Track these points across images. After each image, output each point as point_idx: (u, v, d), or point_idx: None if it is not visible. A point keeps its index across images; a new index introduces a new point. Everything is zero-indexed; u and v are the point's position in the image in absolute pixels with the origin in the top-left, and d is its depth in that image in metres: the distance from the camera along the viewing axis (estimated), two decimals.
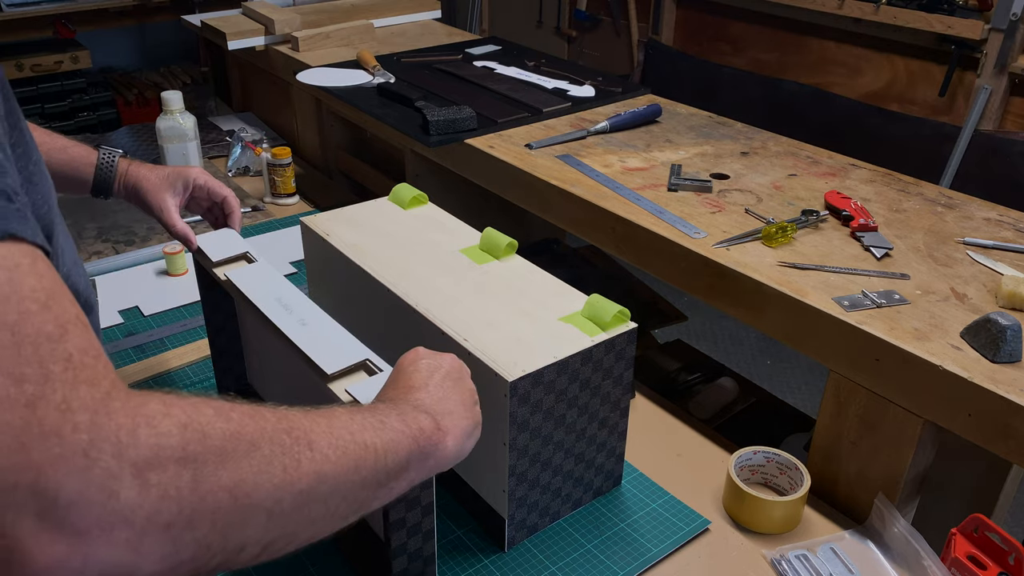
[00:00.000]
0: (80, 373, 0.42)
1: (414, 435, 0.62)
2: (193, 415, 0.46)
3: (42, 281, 0.43)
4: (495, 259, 1.06)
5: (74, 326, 0.43)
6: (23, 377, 0.40)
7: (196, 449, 0.44)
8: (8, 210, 0.44)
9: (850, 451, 1.00)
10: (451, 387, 0.71)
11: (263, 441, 0.49)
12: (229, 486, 0.45)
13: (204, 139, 1.96)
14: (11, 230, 0.43)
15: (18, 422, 0.39)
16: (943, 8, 2.67)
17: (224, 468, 0.45)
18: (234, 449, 0.46)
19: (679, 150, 1.41)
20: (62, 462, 0.39)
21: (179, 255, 1.47)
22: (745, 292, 1.05)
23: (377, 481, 0.58)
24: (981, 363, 0.88)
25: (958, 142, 2.66)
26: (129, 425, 0.42)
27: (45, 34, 3.19)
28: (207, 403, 0.48)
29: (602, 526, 0.97)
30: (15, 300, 0.41)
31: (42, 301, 0.43)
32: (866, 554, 0.95)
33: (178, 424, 0.44)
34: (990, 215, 1.19)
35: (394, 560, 0.80)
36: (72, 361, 0.42)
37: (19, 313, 0.41)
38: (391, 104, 1.61)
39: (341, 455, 0.54)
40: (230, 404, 0.49)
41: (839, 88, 3.11)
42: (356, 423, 0.57)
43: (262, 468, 0.48)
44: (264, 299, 0.92)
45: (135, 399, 0.44)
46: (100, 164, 1.06)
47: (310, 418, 0.54)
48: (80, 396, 0.41)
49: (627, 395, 0.97)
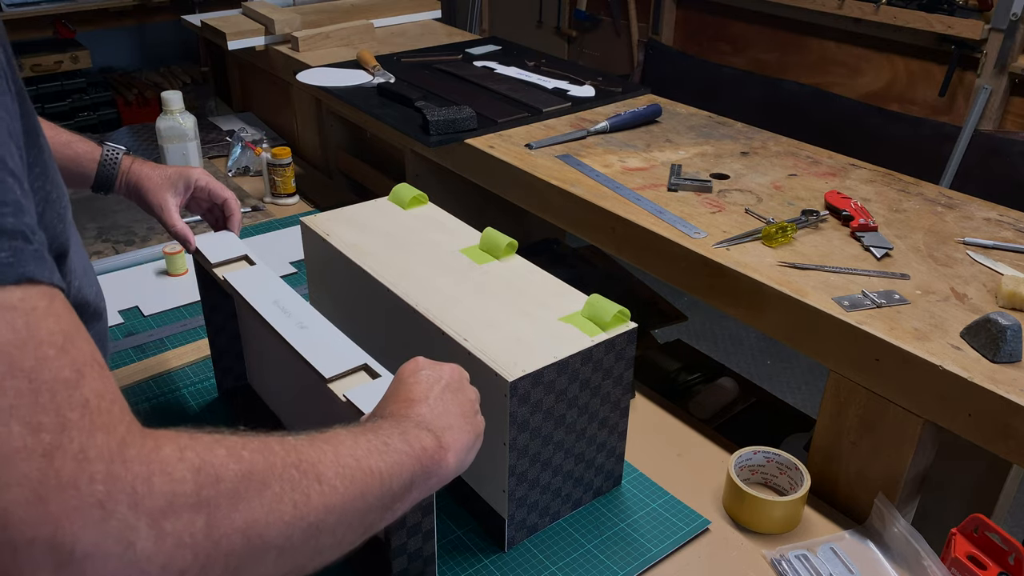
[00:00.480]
0: (97, 419, 0.42)
1: (417, 455, 0.62)
2: (207, 457, 0.46)
3: (59, 323, 0.44)
4: (495, 259, 1.06)
5: (91, 368, 0.44)
6: (40, 426, 0.40)
7: (209, 493, 0.45)
8: (26, 252, 0.44)
9: (850, 451, 1.00)
10: (451, 399, 0.71)
11: (273, 479, 0.49)
12: (242, 528, 0.46)
13: (204, 139, 1.96)
14: (28, 273, 0.43)
15: (36, 474, 0.39)
16: (943, 8, 2.67)
17: (237, 510, 0.46)
18: (246, 490, 0.47)
19: (679, 150, 1.41)
20: (79, 514, 0.39)
21: (179, 255, 1.47)
22: (745, 292, 1.05)
23: (383, 505, 0.58)
24: (981, 363, 0.88)
25: (958, 142, 2.66)
26: (144, 473, 0.42)
27: (45, 34, 3.19)
28: (220, 443, 0.48)
29: (602, 526, 0.97)
30: (32, 345, 0.42)
31: (59, 345, 0.43)
32: (866, 554, 0.95)
33: (192, 468, 0.44)
34: (990, 215, 1.19)
35: (394, 560, 0.80)
36: (89, 407, 0.42)
37: (36, 359, 0.41)
38: (391, 104, 1.61)
39: (348, 484, 0.54)
40: (242, 441, 0.49)
41: (839, 88, 3.11)
42: (361, 448, 0.58)
43: (273, 507, 0.48)
44: (263, 302, 0.93)
45: (149, 443, 0.44)
46: (103, 160, 1.07)
47: (316, 447, 0.54)
48: (97, 445, 0.41)
49: (627, 395, 0.97)
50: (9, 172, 0.46)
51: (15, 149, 0.49)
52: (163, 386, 1.19)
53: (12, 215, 0.45)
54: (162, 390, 1.19)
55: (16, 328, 0.41)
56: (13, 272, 0.43)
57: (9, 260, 0.43)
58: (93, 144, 1.08)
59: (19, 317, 0.42)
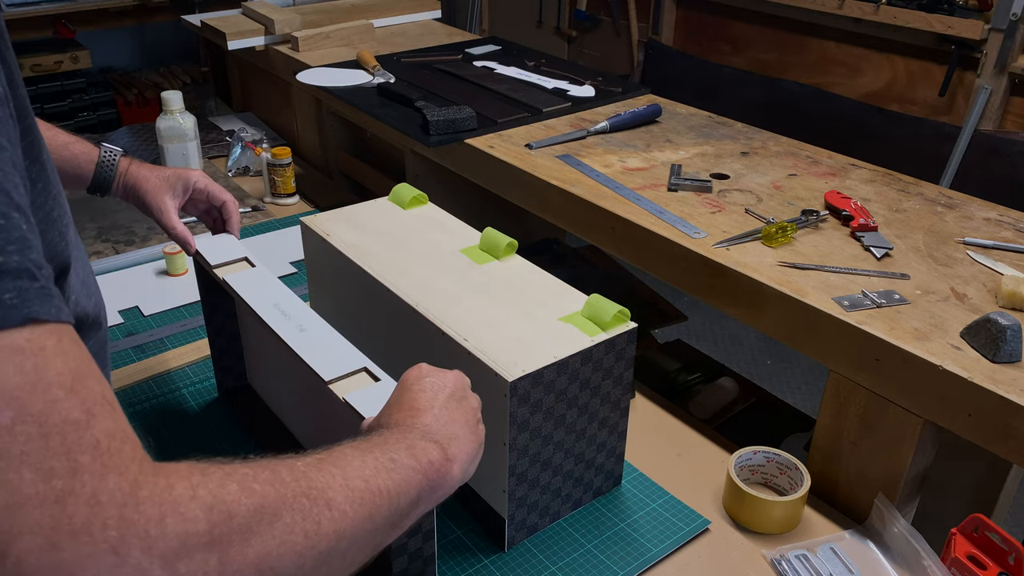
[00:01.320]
0: (108, 461, 0.42)
1: (424, 470, 0.62)
2: (219, 495, 0.45)
3: (67, 362, 0.43)
4: (495, 259, 1.06)
5: (101, 408, 0.43)
6: (52, 472, 0.39)
7: (222, 531, 0.44)
8: (31, 291, 0.43)
9: (850, 451, 1.00)
10: (456, 408, 0.71)
11: (284, 510, 0.49)
12: (255, 562, 0.46)
13: (204, 139, 1.96)
14: (33, 314, 0.43)
15: (48, 521, 0.39)
16: (943, 8, 2.67)
17: (249, 545, 0.46)
18: (258, 524, 0.47)
19: (679, 150, 1.41)
20: (91, 561, 0.39)
21: (179, 255, 1.47)
22: (745, 292, 1.05)
23: (391, 524, 0.58)
24: (981, 363, 0.88)
25: (958, 142, 2.66)
26: (157, 516, 0.42)
27: (45, 34, 3.19)
28: (231, 477, 0.47)
29: (602, 526, 0.97)
30: (41, 388, 0.41)
31: (68, 386, 0.42)
32: (866, 554, 0.95)
33: (204, 507, 0.44)
34: (990, 215, 1.19)
35: (394, 560, 0.80)
36: (100, 448, 0.42)
37: (46, 402, 0.41)
38: (391, 104, 1.61)
39: (358, 508, 0.54)
40: (252, 473, 0.49)
41: (839, 88, 3.11)
42: (369, 467, 0.57)
43: (285, 538, 0.48)
44: (263, 304, 0.93)
45: (162, 483, 0.43)
46: (101, 162, 1.06)
47: (325, 471, 0.54)
48: (109, 488, 0.41)
49: (627, 395, 0.97)
50: (14, 207, 0.45)
51: (19, 180, 0.48)
52: (163, 386, 1.19)
53: (17, 252, 0.44)
54: (162, 390, 1.19)
55: (25, 371, 0.41)
56: (18, 314, 0.42)
57: (14, 302, 0.42)
58: (90, 145, 1.07)
59: (27, 359, 0.41)
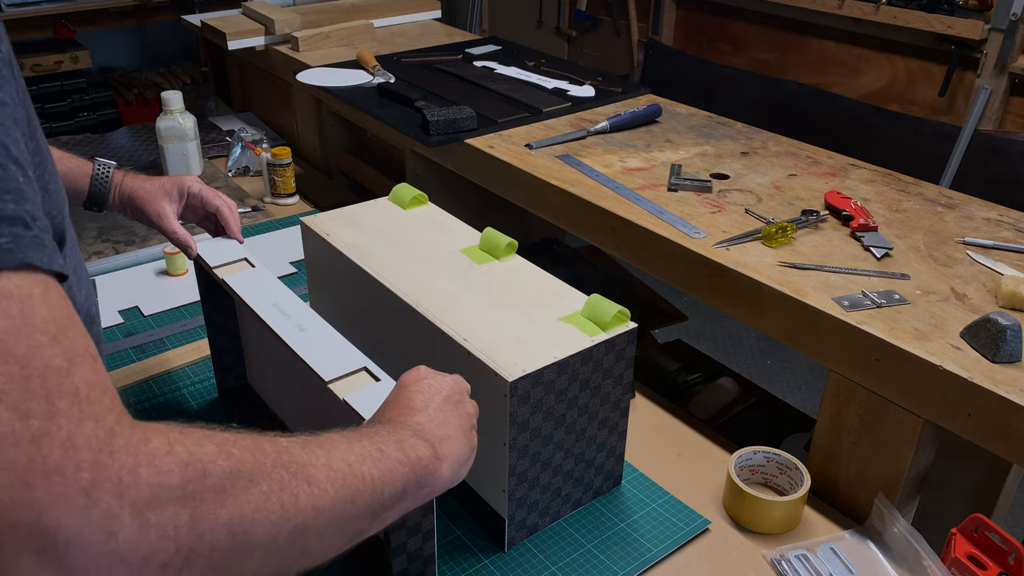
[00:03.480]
0: (86, 408, 0.42)
1: (412, 464, 0.62)
2: (195, 452, 0.46)
3: (53, 312, 0.44)
4: (495, 259, 1.06)
5: (82, 359, 0.44)
6: (29, 412, 0.40)
7: (196, 488, 0.45)
8: (25, 238, 0.44)
9: (850, 451, 1.00)
10: (451, 411, 0.71)
11: (262, 477, 0.49)
12: (227, 523, 0.46)
13: (204, 139, 1.96)
14: (27, 259, 0.44)
15: (23, 459, 0.39)
16: (943, 8, 2.67)
17: (223, 506, 0.46)
18: (233, 486, 0.47)
19: (679, 150, 1.41)
20: (63, 501, 0.39)
21: (179, 255, 1.47)
22: (745, 292, 1.05)
23: (373, 512, 0.58)
24: (981, 363, 0.88)
25: (958, 142, 2.66)
26: (131, 464, 0.42)
27: (45, 34, 3.19)
28: (209, 438, 0.48)
29: (602, 526, 0.97)
30: (26, 332, 0.42)
31: (52, 333, 0.43)
32: (866, 554, 0.95)
33: (179, 462, 0.44)
34: (990, 215, 1.19)
35: (394, 560, 0.80)
36: (79, 396, 0.42)
37: (29, 346, 0.41)
38: (391, 104, 1.61)
39: (339, 488, 0.54)
40: (233, 438, 0.49)
41: (839, 88, 3.11)
42: (354, 453, 0.58)
43: (260, 505, 0.48)
44: (262, 304, 0.93)
45: (138, 435, 0.44)
46: (96, 177, 1.06)
47: (309, 450, 0.54)
48: (84, 433, 0.41)
49: (627, 395, 0.97)
50: (12, 159, 0.46)
51: (19, 136, 0.49)
52: (163, 386, 1.19)
53: (13, 201, 0.45)
54: (162, 390, 1.19)
55: (11, 315, 0.42)
56: (12, 258, 0.43)
57: (9, 246, 0.43)
58: (83, 160, 1.07)
59: (14, 304, 0.42)
